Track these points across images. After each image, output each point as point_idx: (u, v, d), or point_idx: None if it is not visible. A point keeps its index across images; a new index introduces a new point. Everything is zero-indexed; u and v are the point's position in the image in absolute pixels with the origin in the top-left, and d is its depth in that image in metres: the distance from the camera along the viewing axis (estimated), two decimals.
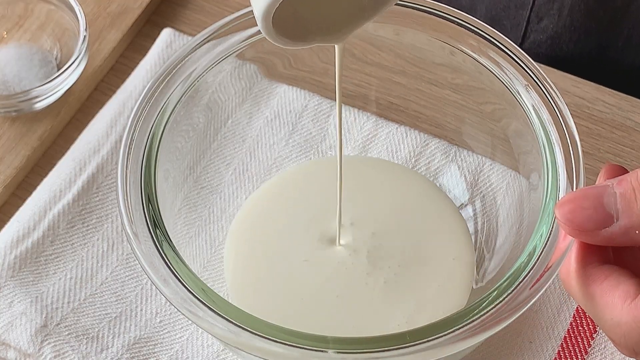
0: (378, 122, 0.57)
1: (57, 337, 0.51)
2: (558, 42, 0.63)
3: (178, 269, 0.43)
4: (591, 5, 0.60)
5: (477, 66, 0.50)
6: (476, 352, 0.51)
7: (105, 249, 0.54)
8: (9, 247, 0.53)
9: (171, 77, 0.49)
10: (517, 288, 0.43)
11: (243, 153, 0.56)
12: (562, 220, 0.41)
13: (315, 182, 0.55)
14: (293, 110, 0.58)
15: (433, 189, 0.55)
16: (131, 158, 0.46)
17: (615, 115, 0.58)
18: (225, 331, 0.42)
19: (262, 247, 0.53)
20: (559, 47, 0.63)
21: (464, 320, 0.42)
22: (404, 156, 0.56)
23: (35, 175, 0.58)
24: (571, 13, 0.61)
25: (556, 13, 0.61)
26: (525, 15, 0.62)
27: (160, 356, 0.51)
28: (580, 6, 0.60)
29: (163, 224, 0.45)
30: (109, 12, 0.63)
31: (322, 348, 0.41)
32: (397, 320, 0.50)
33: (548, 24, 0.62)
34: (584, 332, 0.51)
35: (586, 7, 0.60)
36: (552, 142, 0.47)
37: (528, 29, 0.63)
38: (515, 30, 0.64)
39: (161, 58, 0.60)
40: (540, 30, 0.63)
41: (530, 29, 0.63)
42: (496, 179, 0.54)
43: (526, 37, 0.64)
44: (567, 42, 0.63)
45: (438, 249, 0.52)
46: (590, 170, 0.56)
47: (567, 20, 0.61)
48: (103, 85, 0.61)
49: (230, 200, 0.55)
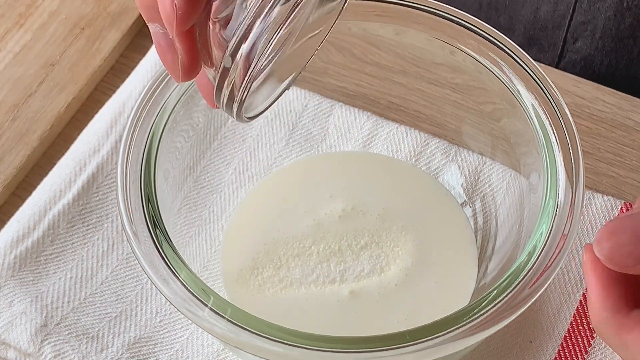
0: (378, 121, 0.57)
1: (57, 336, 0.51)
2: (591, 64, 0.64)
3: (178, 269, 0.43)
4: (622, 32, 0.61)
5: (477, 66, 0.50)
6: (476, 352, 0.51)
7: (105, 248, 0.54)
8: (9, 247, 0.53)
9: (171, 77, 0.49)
10: (517, 287, 0.43)
11: (243, 153, 0.56)
12: (603, 260, 0.40)
13: (310, 176, 0.55)
14: (293, 109, 0.58)
15: (437, 187, 0.55)
16: (131, 158, 0.46)
17: (615, 115, 0.58)
18: (225, 331, 0.42)
19: (260, 247, 0.53)
20: (592, 68, 0.64)
21: (463, 320, 0.42)
22: (404, 156, 0.56)
23: (35, 175, 0.58)
24: (603, 36, 0.61)
25: (590, 35, 0.62)
26: (562, 35, 0.63)
27: (160, 356, 0.51)
28: (612, 30, 0.61)
29: (163, 224, 0.45)
30: (109, 12, 0.63)
31: (322, 348, 0.41)
32: (398, 319, 0.50)
33: (582, 45, 0.63)
34: (584, 332, 0.51)
35: (617, 33, 0.61)
36: (552, 142, 0.47)
37: (564, 49, 0.64)
38: (553, 50, 0.64)
39: None
40: (575, 51, 0.63)
41: (567, 49, 0.64)
42: (496, 178, 0.54)
43: (562, 56, 0.64)
44: (599, 64, 0.63)
45: (441, 247, 0.52)
46: (590, 170, 0.56)
47: (600, 43, 0.62)
48: (103, 85, 0.61)
49: (230, 200, 0.55)
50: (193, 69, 0.39)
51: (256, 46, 0.35)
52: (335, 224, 0.53)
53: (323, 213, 0.53)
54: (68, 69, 0.61)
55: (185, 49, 0.39)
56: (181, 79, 0.40)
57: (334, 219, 0.53)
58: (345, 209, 0.53)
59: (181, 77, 0.40)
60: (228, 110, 0.38)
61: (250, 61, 0.35)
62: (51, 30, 0.62)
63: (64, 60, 0.61)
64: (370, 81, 0.57)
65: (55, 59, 0.61)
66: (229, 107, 0.38)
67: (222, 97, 0.38)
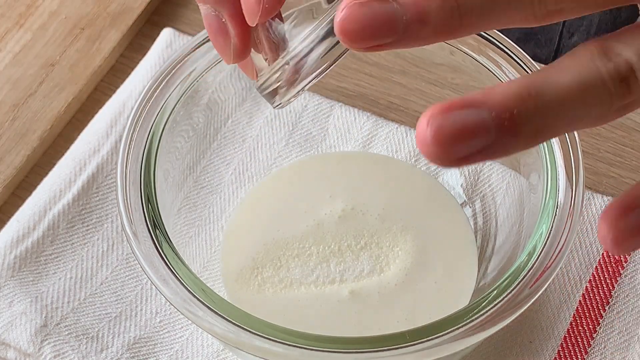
0: (378, 121, 0.57)
1: (57, 336, 0.51)
2: None
3: (178, 269, 0.43)
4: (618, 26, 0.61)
5: (476, 66, 0.50)
6: (476, 352, 0.51)
7: (105, 249, 0.54)
8: (9, 247, 0.53)
9: (171, 77, 0.49)
10: (517, 287, 0.43)
11: (243, 153, 0.56)
12: None
13: (310, 176, 0.55)
14: (293, 110, 0.58)
15: (437, 187, 0.55)
16: (131, 158, 0.46)
17: None
18: (225, 331, 0.42)
19: (260, 247, 0.53)
20: None
21: (463, 320, 0.42)
22: (404, 156, 0.56)
23: (35, 175, 0.58)
24: (599, 31, 0.61)
25: (585, 30, 0.62)
26: (558, 30, 0.62)
27: (160, 356, 0.51)
28: (607, 25, 0.61)
29: (162, 224, 0.45)
30: (109, 12, 0.63)
31: (322, 348, 0.41)
32: (398, 319, 0.50)
33: (578, 40, 0.63)
34: (584, 332, 0.51)
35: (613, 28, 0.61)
36: (552, 142, 0.47)
37: (561, 44, 0.64)
38: (549, 45, 0.64)
39: (161, 58, 0.60)
40: (572, 46, 0.63)
41: (563, 44, 0.63)
42: (496, 179, 0.54)
43: (559, 51, 0.64)
44: None
45: (440, 247, 0.52)
46: (590, 170, 0.56)
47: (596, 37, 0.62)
48: (103, 85, 0.61)
49: (230, 200, 0.55)
50: (244, 52, 0.41)
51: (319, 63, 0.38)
52: (335, 224, 0.53)
53: (323, 213, 0.53)
54: (68, 69, 0.61)
55: (239, 33, 0.40)
56: (232, 61, 0.41)
57: (334, 219, 0.53)
58: (345, 209, 0.53)
59: (232, 59, 0.41)
60: (267, 97, 0.41)
61: (307, 72, 0.39)
62: (51, 30, 0.62)
63: (64, 60, 0.61)
64: (370, 81, 0.57)
65: (55, 59, 0.61)
66: (269, 96, 0.41)
67: (267, 86, 0.40)
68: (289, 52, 0.38)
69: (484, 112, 0.31)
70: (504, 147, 0.31)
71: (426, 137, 0.31)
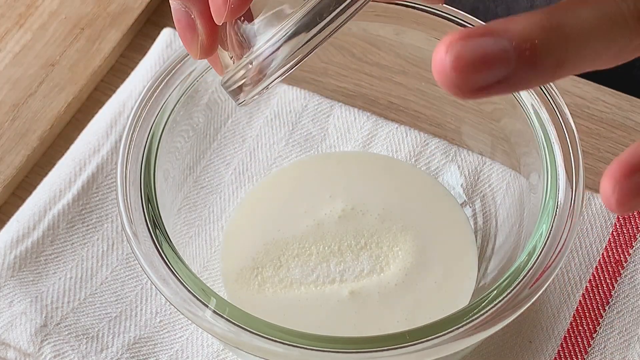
0: (378, 121, 0.57)
1: (57, 336, 0.51)
2: None
3: (178, 269, 0.43)
4: None
5: None
6: (476, 352, 0.51)
7: (105, 248, 0.54)
8: (9, 247, 0.53)
9: (171, 77, 0.49)
10: (517, 287, 0.43)
11: (243, 153, 0.56)
12: None
13: (310, 176, 0.55)
14: (293, 110, 0.58)
15: (437, 187, 0.55)
16: (131, 158, 0.46)
17: (615, 115, 0.58)
18: (225, 331, 0.42)
19: (260, 247, 0.53)
20: None
21: (463, 320, 0.42)
22: (404, 156, 0.56)
23: (35, 175, 0.58)
24: None
25: None
26: None
27: (160, 356, 0.51)
28: None
29: (162, 224, 0.45)
30: (109, 12, 0.63)
31: (322, 348, 0.41)
32: (397, 319, 0.50)
33: None
34: (584, 332, 0.51)
35: None
36: (552, 142, 0.47)
37: None
38: None
39: (161, 58, 0.60)
40: None
41: None
42: (496, 179, 0.54)
43: None
44: None
45: (440, 247, 0.52)
46: (590, 170, 0.56)
47: None
48: (103, 85, 0.61)
49: (230, 200, 0.55)
50: (211, 49, 0.42)
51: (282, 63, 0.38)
52: (335, 224, 0.53)
53: (323, 213, 0.53)
54: (68, 69, 0.61)
55: (207, 30, 0.41)
56: (199, 57, 0.42)
57: (334, 219, 0.53)
58: (345, 209, 0.53)
59: (199, 55, 0.42)
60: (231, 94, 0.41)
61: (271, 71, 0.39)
62: (51, 31, 0.62)
63: (64, 60, 0.61)
64: (370, 81, 0.57)
65: (55, 59, 0.61)
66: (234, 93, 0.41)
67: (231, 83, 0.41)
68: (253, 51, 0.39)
69: (505, 41, 0.30)
70: (523, 79, 0.30)
71: (445, 64, 0.30)
